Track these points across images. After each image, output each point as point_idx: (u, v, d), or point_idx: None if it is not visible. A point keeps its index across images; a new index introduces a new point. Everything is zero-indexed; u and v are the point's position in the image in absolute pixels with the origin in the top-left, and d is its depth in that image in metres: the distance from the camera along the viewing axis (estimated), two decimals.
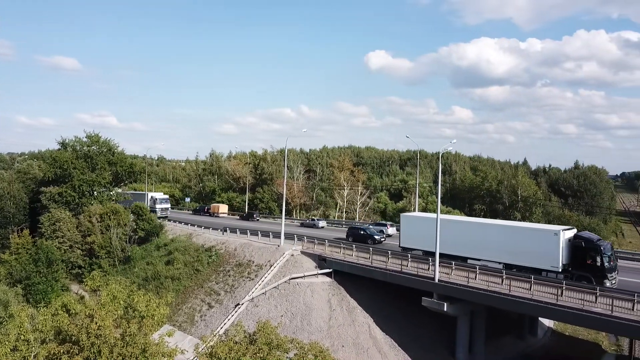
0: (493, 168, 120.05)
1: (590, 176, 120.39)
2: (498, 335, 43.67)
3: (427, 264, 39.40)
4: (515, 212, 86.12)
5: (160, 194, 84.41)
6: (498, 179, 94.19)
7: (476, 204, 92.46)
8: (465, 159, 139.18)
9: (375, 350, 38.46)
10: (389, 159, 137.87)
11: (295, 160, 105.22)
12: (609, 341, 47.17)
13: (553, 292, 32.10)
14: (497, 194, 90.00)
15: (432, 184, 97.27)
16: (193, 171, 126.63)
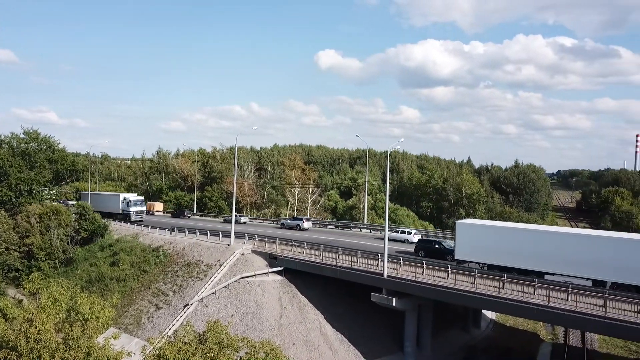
0: (439, 166, 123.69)
1: (529, 174, 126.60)
2: (444, 328, 45.17)
3: (377, 259, 40.18)
4: (459, 209, 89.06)
5: (134, 195, 76.86)
6: (444, 177, 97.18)
7: (423, 201, 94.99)
8: (412, 158, 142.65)
9: (326, 347, 38.84)
10: (339, 157, 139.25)
11: (245, 159, 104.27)
12: (546, 331, 49.79)
13: (495, 285, 33.52)
14: (442, 191, 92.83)
15: (381, 182, 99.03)
16: (139, 169, 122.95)
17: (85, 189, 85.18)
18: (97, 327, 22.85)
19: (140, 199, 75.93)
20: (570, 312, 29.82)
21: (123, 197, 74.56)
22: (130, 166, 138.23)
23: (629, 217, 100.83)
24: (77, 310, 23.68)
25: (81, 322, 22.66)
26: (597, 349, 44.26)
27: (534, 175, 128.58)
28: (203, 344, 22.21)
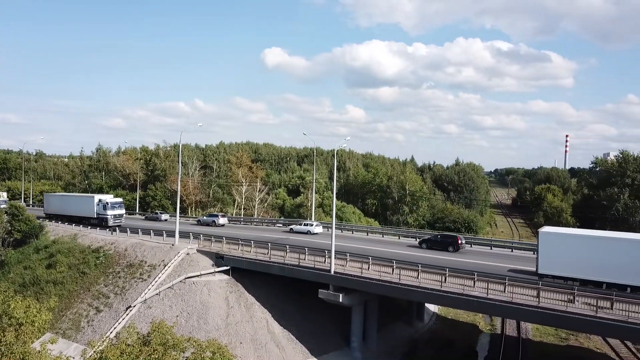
0: (384, 165, 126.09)
1: (469, 172, 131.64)
2: (389, 323, 46.26)
3: (324, 256, 40.56)
4: (403, 206, 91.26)
5: (110, 197, 68.04)
6: (388, 175, 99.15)
7: (368, 198, 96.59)
8: (358, 156, 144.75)
9: (273, 345, 38.82)
10: (287, 155, 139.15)
11: (190, 156, 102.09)
12: (485, 322, 52.04)
13: (438, 280, 34.69)
14: (387, 189, 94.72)
15: (328, 180, 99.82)
16: (77, 167, 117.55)
17: (18, 188, 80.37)
18: (33, 331, 21.81)
19: (118, 201, 67.26)
20: (507, 303, 31.32)
21: (98, 199, 65.18)
22: (68, 164, 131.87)
23: (559, 212, 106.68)
24: (10, 315, 22.47)
25: (15, 327, 21.53)
26: (531, 338, 46.75)
27: (473, 174, 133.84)
28: (147, 345, 21.70)
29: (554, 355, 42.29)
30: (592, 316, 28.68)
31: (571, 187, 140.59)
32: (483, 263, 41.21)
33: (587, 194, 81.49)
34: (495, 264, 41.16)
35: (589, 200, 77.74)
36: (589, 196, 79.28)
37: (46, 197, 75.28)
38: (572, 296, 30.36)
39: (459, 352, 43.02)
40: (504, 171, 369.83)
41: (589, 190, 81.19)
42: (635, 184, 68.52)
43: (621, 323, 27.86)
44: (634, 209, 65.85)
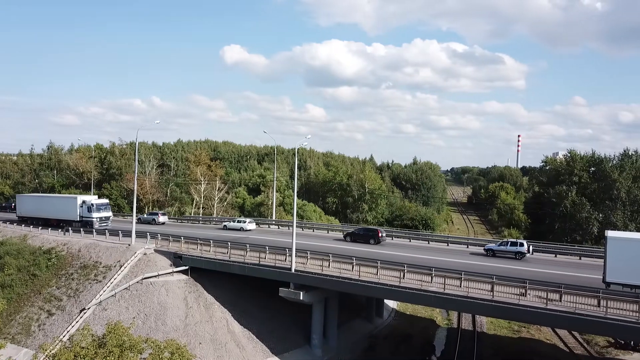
0: (344, 163, 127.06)
1: (426, 171, 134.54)
2: (349, 319, 46.73)
3: (285, 255, 40.56)
4: (363, 204, 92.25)
5: (94, 198, 62.29)
6: (348, 174, 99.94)
7: (329, 197, 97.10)
8: (319, 155, 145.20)
9: (233, 345, 38.52)
10: (247, 154, 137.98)
11: (147, 154, 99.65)
12: (442, 317, 53.38)
13: (396, 276, 35.34)
14: (347, 187, 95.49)
15: (289, 178, 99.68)
16: (27, 166, 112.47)
17: None
18: None
19: (104, 202, 61.48)
20: (463, 298, 32.25)
21: (82, 200, 59.60)
22: (17, 162, 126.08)
23: (511, 209, 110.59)
24: None
25: None
26: (485, 331, 48.32)
27: (430, 172, 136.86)
28: (103, 347, 21.14)
29: (508, 347, 43.81)
30: (542, 308, 29.92)
31: (523, 185, 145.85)
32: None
33: (538, 192, 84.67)
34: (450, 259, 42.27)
35: (539, 198, 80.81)
36: (539, 193, 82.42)
37: (19, 198, 68.96)
38: (524, 289, 31.56)
39: (417, 346, 43.95)
40: (459, 170, 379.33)
41: (540, 188, 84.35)
42: (582, 182, 71.75)
43: (569, 314, 29.18)
44: (580, 206, 68.90)
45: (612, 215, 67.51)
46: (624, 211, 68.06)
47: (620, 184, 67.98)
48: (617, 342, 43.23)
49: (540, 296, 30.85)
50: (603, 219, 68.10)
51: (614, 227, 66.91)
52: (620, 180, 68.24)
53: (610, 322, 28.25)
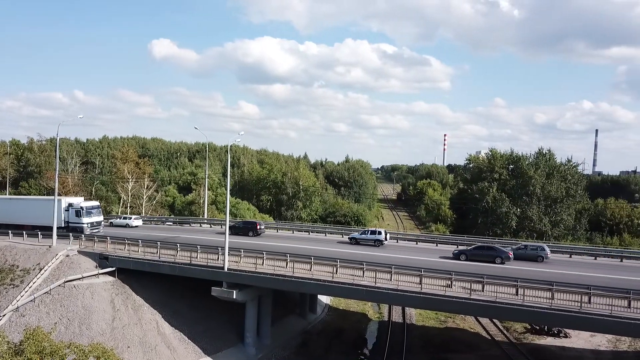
0: (278, 161, 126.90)
1: (358, 169, 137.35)
2: (283, 316, 46.85)
3: (217, 254, 39.99)
4: (297, 202, 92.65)
5: (80, 200, 54.70)
6: (282, 172, 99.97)
7: (263, 194, 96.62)
8: (252, 152, 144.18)
9: (164, 347, 37.46)
10: (178, 151, 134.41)
11: (69, 151, 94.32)
12: (374, 310, 54.80)
13: (329, 271, 35.90)
14: (281, 185, 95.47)
15: (222, 176, 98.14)
16: None
17: None
18: None
19: (94, 204, 54.32)
20: (393, 291, 33.37)
21: (68, 202, 52.07)
22: None
23: (438, 205, 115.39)
24: None
25: None
26: (414, 323, 50.18)
27: (362, 170, 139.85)
28: (20, 355, 19.87)
29: (435, 337, 45.76)
30: (466, 298, 31.59)
31: (449, 182, 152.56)
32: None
33: (462, 188, 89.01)
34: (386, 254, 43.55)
35: (463, 194, 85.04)
36: (463, 190, 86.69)
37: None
38: (449, 281, 33.15)
39: (349, 340, 44.84)
40: (389, 168, 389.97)
41: (464, 185, 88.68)
42: (502, 179, 76.25)
43: (491, 303, 31.02)
44: (500, 201, 73.21)
45: (529, 209, 72.26)
46: (538, 206, 73.05)
47: (535, 181, 72.88)
48: (532, 327, 46.42)
49: (465, 287, 32.52)
50: (521, 214, 72.73)
51: (530, 221, 71.85)
52: (535, 177, 73.14)
53: (526, 309, 30.35)
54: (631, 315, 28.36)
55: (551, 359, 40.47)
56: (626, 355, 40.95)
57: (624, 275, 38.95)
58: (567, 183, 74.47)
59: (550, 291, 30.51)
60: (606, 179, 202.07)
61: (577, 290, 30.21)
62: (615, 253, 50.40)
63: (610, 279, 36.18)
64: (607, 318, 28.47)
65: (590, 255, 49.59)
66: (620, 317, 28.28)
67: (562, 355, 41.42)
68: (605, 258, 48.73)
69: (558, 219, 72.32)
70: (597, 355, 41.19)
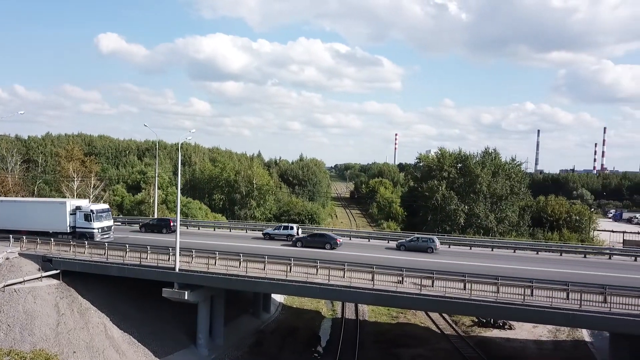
0: (231, 159, 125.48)
1: (312, 167, 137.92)
2: (236, 316, 46.47)
3: (168, 254, 39.20)
4: (251, 201, 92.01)
5: (85, 202, 49.62)
6: (236, 170, 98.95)
7: (216, 194, 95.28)
8: (204, 151, 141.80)
9: (112, 351, 36.32)
10: (126, 149, 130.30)
11: (9, 149, 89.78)
12: (327, 308, 55.24)
13: (283, 270, 35.92)
14: (235, 183, 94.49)
15: (172, 174, 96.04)
16: None
17: None
18: None
19: (105, 207, 49.21)
20: (346, 288, 33.77)
21: (74, 205, 46.86)
22: None
23: (390, 203, 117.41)
24: None
25: None
26: (367, 319, 50.96)
27: (316, 169, 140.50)
28: None
29: (387, 332, 46.69)
30: (417, 294, 32.42)
31: (400, 181, 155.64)
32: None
33: (413, 186, 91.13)
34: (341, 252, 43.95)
35: (414, 192, 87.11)
36: (414, 188, 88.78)
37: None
38: (401, 277, 33.93)
39: (303, 338, 45.04)
40: (343, 166, 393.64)
41: (414, 183, 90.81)
42: (450, 177, 78.62)
43: (440, 298, 31.99)
44: (449, 199, 75.48)
45: (476, 207, 74.83)
46: (485, 203, 75.80)
47: (482, 179, 75.59)
48: (479, 320, 48.17)
49: (416, 283, 33.38)
50: (468, 211, 75.23)
51: (477, 218, 74.47)
52: (482, 175, 75.86)
53: (474, 303, 31.51)
54: (569, 306, 29.99)
55: (497, 350, 42.16)
56: (565, 344, 43.22)
57: (564, 268, 41.18)
58: (511, 181, 77.62)
59: (496, 285, 31.78)
60: (547, 177, 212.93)
61: (520, 284, 31.64)
62: (555, 247, 53.20)
63: (551, 272, 38.17)
64: (547, 309, 29.99)
65: (532, 250, 52.07)
66: (560, 308, 29.85)
67: (507, 346, 43.24)
68: (546, 252, 51.31)
69: (503, 215, 75.28)
70: (539, 345, 43.29)
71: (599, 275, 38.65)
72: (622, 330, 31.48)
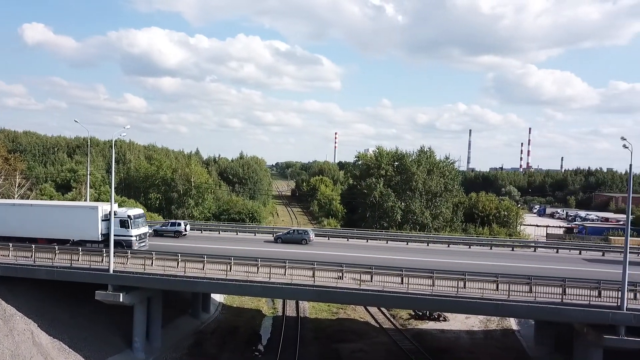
0: (168, 157, 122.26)
1: (252, 165, 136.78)
2: (174, 317, 45.40)
3: (101, 255, 37.72)
4: (189, 199, 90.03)
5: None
6: (173, 168, 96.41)
7: (152, 192, 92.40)
8: (140, 148, 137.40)
9: (40, 358, 34.46)
10: (55, 146, 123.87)
11: None
12: (268, 306, 55.15)
13: (223, 269, 35.56)
14: (172, 182, 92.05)
15: (106, 173, 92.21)
16: None
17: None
18: None
19: (141, 212, 45.01)
20: (287, 285, 33.95)
21: (107, 210, 40.88)
22: None
23: (330, 201, 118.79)
24: None
25: None
26: (308, 316, 51.37)
27: (256, 167, 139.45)
28: None
29: (327, 328, 47.30)
30: (356, 289, 33.16)
31: (339, 179, 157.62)
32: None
33: (352, 184, 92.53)
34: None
35: (353, 189, 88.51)
36: (353, 186, 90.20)
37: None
38: (341, 273, 34.52)
39: (243, 337, 44.72)
40: (284, 164, 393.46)
41: (354, 181, 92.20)
42: (388, 175, 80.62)
43: (379, 292, 32.88)
44: (386, 196, 77.37)
45: (412, 203, 77.21)
46: (420, 200, 78.33)
47: (417, 177, 78.04)
48: (416, 313, 49.87)
49: (355, 278, 34.07)
50: (405, 207, 77.47)
51: (413, 214, 76.88)
52: (418, 173, 78.31)
53: (410, 297, 32.64)
54: (499, 296, 31.76)
55: (432, 341, 43.84)
56: (495, 333, 45.65)
57: (494, 261, 43.51)
58: (445, 179, 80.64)
59: (432, 279, 33.07)
60: (478, 175, 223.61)
61: (454, 277, 33.13)
62: (485, 242, 56.01)
63: (482, 265, 40.21)
64: (479, 300, 31.62)
65: (465, 244, 54.55)
66: (490, 299, 31.56)
67: (441, 337, 45.07)
68: (478, 246, 53.94)
69: (438, 211, 78.07)
70: (471, 335, 45.46)
71: (525, 266, 41.20)
72: (545, 318, 33.80)
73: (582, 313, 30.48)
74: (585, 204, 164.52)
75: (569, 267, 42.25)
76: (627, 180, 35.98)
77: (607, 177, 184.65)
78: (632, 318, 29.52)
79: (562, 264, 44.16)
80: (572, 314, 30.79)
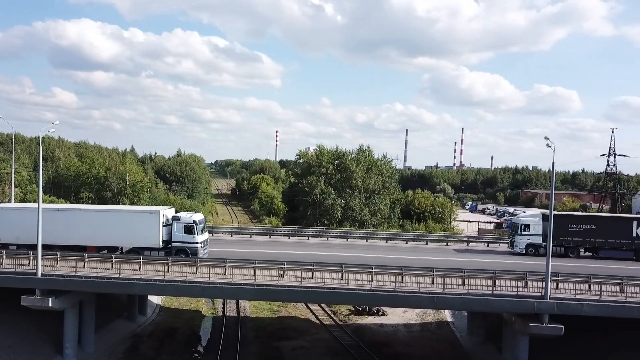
0: (101, 155, 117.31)
1: (191, 163, 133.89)
2: (109, 321, 43.67)
3: (28, 258, 35.64)
4: (124, 199, 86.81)
5: (187, 213, 43.08)
6: (106, 166, 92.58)
7: (84, 192, 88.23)
8: (70, 145, 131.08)
9: None
10: None
11: None
12: (208, 307, 54.25)
13: (160, 270, 34.62)
14: (105, 180, 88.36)
15: (32, 171, 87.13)
16: None
17: None
18: None
19: (203, 218, 42.53)
20: (227, 285, 33.59)
21: (169, 215, 39.92)
22: None
23: (271, 199, 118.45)
24: None
25: None
26: (249, 315, 51.03)
27: (195, 165, 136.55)
28: None
29: (268, 327, 47.19)
30: (297, 286, 33.35)
31: (281, 177, 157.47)
32: None
33: (293, 182, 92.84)
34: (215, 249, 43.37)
35: (294, 187, 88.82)
36: (294, 184, 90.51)
37: (6, 212, 41.00)
38: (282, 271, 34.60)
39: (182, 339, 43.76)
40: (224, 162, 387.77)
41: (295, 179, 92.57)
42: (328, 173, 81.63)
43: (319, 289, 33.24)
44: (327, 194, 78.32)
45: (351, 201, 78.61)
46: (360, 197, 79.90)
47: (357, 175, 79.59)
48: (356, 309, 50.80)
49: (296, 275, 34.25)
50: (345, 205, 78.76)
51: (353, 211, 78.25)
52: (357, 171, 79.86)
53: (350, 292, 33.29)
54: (434, 290, 33.03)
55: (371, 335, 44.87)
56: (431, 325, 47.42)
57: (429, 255, 45.17)
58: (383, 177, 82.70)
59: (371, 274, 33.85)
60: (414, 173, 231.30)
61: (392, 272, 34.08)
62: (422, 237, 58.06)
63: (419, 260, 41.61)
64: (416, 294, 32.76)
65: (402, 240, 56.27)
66: (426, 292, 32.77)
67: (380, 331, 46.24)
68: (414, 242, 55.78)
69: (376, 208, 79.94)
70: (409, 328, 46.97)
71: (458, 260, 43.10)
72: (477, 309, 35.59)
73: (510, 303, 32.35)
74: (513, 200, 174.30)
75: (499, 260, 44.63)
76: (550, 178, 38.75)
77: (533, 175, 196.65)
78: (555, 306, 31.67)
79: (492, 257, 46.59)
80: (502, 305, 32.64)
